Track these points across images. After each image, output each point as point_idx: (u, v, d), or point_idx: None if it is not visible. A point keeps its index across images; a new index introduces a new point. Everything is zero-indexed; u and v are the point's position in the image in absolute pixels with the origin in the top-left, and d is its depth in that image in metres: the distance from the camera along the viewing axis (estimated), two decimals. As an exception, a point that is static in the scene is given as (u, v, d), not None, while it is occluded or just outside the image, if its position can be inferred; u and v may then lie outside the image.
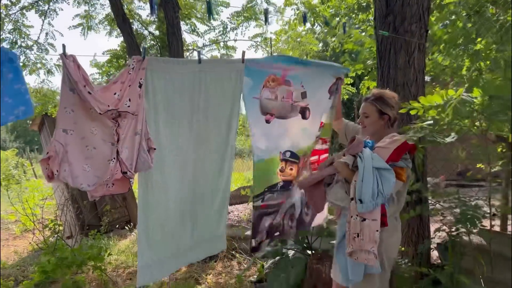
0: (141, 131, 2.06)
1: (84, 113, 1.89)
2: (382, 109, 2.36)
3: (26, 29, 6.16)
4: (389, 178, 2.06)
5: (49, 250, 4.32)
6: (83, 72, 1.83)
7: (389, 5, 3.42)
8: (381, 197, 2.05)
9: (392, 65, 3.38)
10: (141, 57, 2.05)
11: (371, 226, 2.05)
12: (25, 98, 1.83)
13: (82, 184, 1.88)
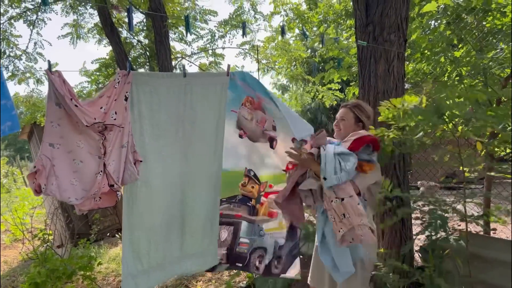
0: (127, 144, 2.11)
1: (70, 127, 1.93)
2: (359, 116, 2.50)
3: (14, 38, 6.18)
4: (349, 159, 2.18)
5: (39, 260, 4.33)
6: (69, 86, 1.89)
7: (368, 15, 3.52)
8: (345, 173, 2.15)
9: (373, 74, 3.48)
10: (127, 71, 2.11)
11: (351, 202, 2.15)
12: (11, 114, 1.87)
13: (70, 198, 1.92)
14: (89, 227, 6.72)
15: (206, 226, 2.58)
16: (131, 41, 6.29)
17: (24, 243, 6.08)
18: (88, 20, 6.59)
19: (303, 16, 7.36)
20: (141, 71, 6.34)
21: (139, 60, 6.18)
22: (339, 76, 5.33)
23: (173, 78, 2.31)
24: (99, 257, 5.68)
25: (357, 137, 2.28)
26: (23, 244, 6.10)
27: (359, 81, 3.68)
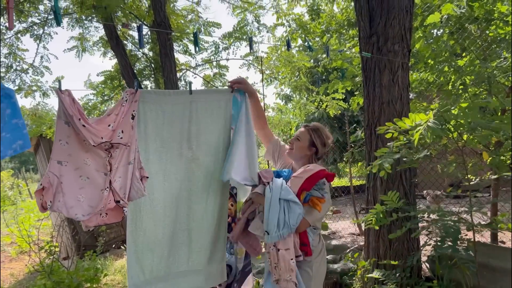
0: (134, 161, 2.13)
1: (78, 145, 1.95)
2: (314, 141, 2.47)
3: (21, 53, 6.26)
4: (295, 210, 2.13)
5: (45, 273, 4.34)
6: (78, 106, 1.91)
7: (372, 27, 3.55)
8: (287, 227, 2.10)
9: (377, 84, 3.49)
10: (134, 90, 2.14)
11: (285, 256, 2.11)
12: (22, 132, 1.88)
13: (77, 214, 1.93)
14: (95, 239, 6.74)
15: (214, 242, 2.57)
16: (136, 54, 6.36)
17: (30, 255, 6.08)
18: (94, 33, 6.68)
19: (306, 26, 7.42)
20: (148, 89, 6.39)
21: (144, 72, 6.24)
22: (343, 87, 5.36)
23: (179, 95, 2.34)
24: (105, 268, 5.67)
25: (310, 176, 2.21)
26: (30, 257, 6.10)
27: (363, 91, 3.70)
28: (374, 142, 3.55)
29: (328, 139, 2.51)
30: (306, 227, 2.25)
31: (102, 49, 6.72)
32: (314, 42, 7.21)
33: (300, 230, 2.22)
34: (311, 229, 2.33)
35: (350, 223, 7.45)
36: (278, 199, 2.15)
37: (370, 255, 3.61)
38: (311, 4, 7.71)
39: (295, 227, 2.12)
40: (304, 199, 2.22)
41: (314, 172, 2.22)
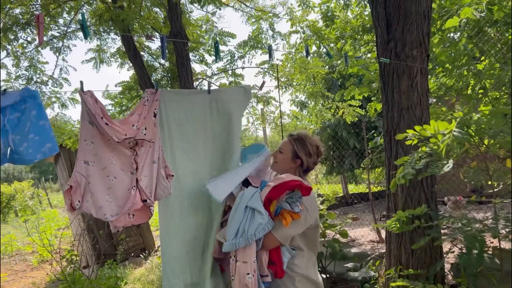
0: (158, 160, 2.16)
1: (103, 145, 1.99)
2: (297, 152, 2.25)
3: (41, 65, 6.39)
4: (256, 219, 1.96)
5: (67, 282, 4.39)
6: (101, 105, 1.95)
7: (389, 32, 3.54)
8: (244, 237, 1.93)
9: (396, 90, 3.47)
10: (154, 89, 2.18)
11: (241, 269, 1.95)
12: (50, 135, 1.91)
13: (106, 214, 1.96)
14: (115, 248, 6.80)
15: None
16: (153, 64, 6.44)
17: (52, 264, 6.17)
18: (111, 45, 6.79)
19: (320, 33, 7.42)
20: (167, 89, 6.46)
21: (161, 82, 6.31)
22: (360, 93, 5.33)
23: (198, 94, 2.39)
24: (124, 277, 5.72)
25: (277, 185, 2.01)
26: (51, 265, 6.19)
27: (382, 97, 3.68)
28: (394, 148, 3.52)
29: (315, 147, 2.28)
30: (274, 243, 2.03)
31: (119, 60, 6.83)
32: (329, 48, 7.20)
33: (268, 246, 2.03)
34: (288, 248, 2.09)
35: (369, 230, 7.37)
36: (245, 206, 2.01)
37: (392, 263, 3.56)
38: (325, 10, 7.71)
39: (252, 238, 1.94)
40: (275, 211, 2.04)
41: (284, 181, 2.01)
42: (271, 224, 1.99)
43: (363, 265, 4.21)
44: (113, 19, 4.97)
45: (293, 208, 1.97)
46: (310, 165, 2.29)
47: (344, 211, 9.74)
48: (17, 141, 1.82)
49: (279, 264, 2.04)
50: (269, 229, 1.99)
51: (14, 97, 1.84)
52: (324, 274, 4.06)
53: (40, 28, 1.53)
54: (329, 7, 7.65)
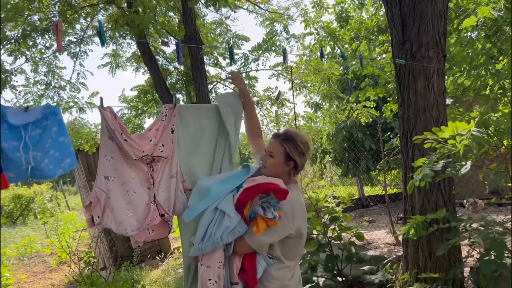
0: (176, 174, 2.17)
1: (122, 160, 2.01)
2: (290, 154, 2.01)
3: (59, 70, 6.50)
4: (223, 223, 1.83)
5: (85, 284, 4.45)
6: (120, 121, 1.97)
7: (405, 33, 3.50)
8: (211, 241, 1.81)
9: (412, 91, 3.43)
10: (173, 105, 2.19)
11: (203, 273, 1.83)
12: (69, 150, 1.96)
13: (126, 229, 1.97)
14: (131, 250, 6.87)
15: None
16: (168, 68, 6.50)
17: (70, 266, 6.26)
18: (126, 49, 6.88)
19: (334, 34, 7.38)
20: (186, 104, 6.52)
21: (176, 86, 6.37)
22: (375, 94, 5.29)
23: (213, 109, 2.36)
24: (141, 279, 5.77)
25: (249, 187, 1.86)
26: (70, 267, 6.28)
27: (398, 98, 3.64)
28: (411, 150, 3.48)
29: (306, 144, 2.06)
30: (245, 249, 1.87)
31: (134, 64, 6.92)
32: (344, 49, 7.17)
33: (239, 251, 1.88)
34: (265, 257, 1.91)
35: (386, 233, 7.29)
36: (215, 207, 1.88)
37: (409, 266, 3.52)
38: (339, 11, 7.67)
39: (220, 242, 1.80)
40: (249, 215, 1.90)
41: (257, 183, 1.85)
42: (242, 228, 1.84)
43: (380, 268, 4.16)
44: (129, 24, 5.04)
45: (266, 214, 1.79)
46: (303, 164, 2.09)
47: (359, 213, 9.66)
48: (39, 158, 1.86)
49: (251, 272, 1.87)
50: (240, 233, 1.84)
51: (36, 114, 1.89)
52: (340, 277, 4.02)
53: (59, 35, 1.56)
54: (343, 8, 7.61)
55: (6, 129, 1.85)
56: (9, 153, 1.83)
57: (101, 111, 1.94)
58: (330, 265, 3.94)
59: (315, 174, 10.87)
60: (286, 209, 1.89)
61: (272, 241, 1.89)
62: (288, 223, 1.89)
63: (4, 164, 1.85)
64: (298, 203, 1.97)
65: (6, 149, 1.82)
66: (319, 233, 4.01)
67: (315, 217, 4.02)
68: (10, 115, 1.86)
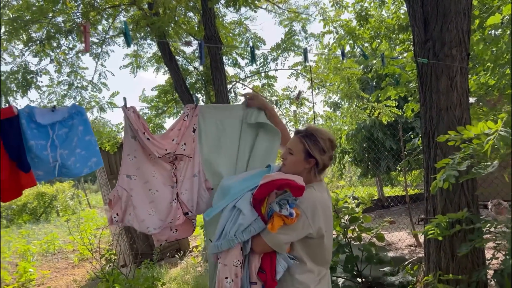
0: (198, 174, 2.19)
1: (145, 159, 2.05)
2: (310, 151, 1.94)
3: (81, 71, 6.63)
4: (239, 219, 1.80)
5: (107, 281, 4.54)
6: (143, 120, 2.02)
7: (427, 31, 3.45)
8: (226, 239, 1.79)
9: (434, 90, 3.38)
10: (194, 105, 2.22)
11: (220, 272, 1.80)
12: (95, 149, 2.01)
13: (149, 228, 2.01)
14: (151, 248, 6.96)
15: None
16: (187, 68, 6.56)
17: (92, 263, 6.40)
18: (147, 50, 6.97)
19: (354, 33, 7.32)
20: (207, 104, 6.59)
21: (196, 86, 6.42)
22: (396, 93, 5.22)
23: (235, 108, 2.37)
24: (160, 277, 5.84)
25: (263, 184, 1.82)
26: (91, 264, 6.42)
27: (419, 98, 3.59)
28: (433, 150, 3.43)
29: (327, 141, 1.98)
30: (263, 247, 1.82)
31: (155, 65, 7.00)
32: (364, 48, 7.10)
33: (256, 250, 1.84)
34: (285, 257, 1.86)
35: (406, 234, 7.20)
36: (233, 205, 1.86)
37: (431, 268, 3.47)
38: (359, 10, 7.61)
39: (234, 240, 1.78)
40: (267, 213, 1.85)
41: (271, 179, 1.81)
42: (258, 226, 1.80)
43: (400, 270, 4.12)
44: (149, 25, 5.11)
45: (282, 211, 1.74)
46: (326, 162, 1.99)
47: (379, 214, 9.56)
48: (65, 155, 1.93)
49: (270, 272, 1.83)
50: (256, 231, 1.80)
51: (62, 113, 1.96)
52: (360, 278, 3.99)
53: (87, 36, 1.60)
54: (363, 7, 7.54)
55: (34, 128, 1.91)
56: (37, 151, 1.89)
57: (124, 111, 1.98)
58: (349, 266, 3.91)
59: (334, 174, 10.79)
60: (306, 208, 1.83)
61: (290, 239, 1.84)
62: (308, 221, 1.82)
63: (33, 162, 1.91)
64: (320, 202, 1.90)
65: (34, 147, 1.89)
66: (339, 233, 3.99)
67: (334, 217, 4.00)
68: (38, 115, 1.92)
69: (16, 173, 1.88)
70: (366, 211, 4.97)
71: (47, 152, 1.92)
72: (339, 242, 3.93)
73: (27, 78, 5.39)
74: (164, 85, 6.74)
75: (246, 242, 1.82)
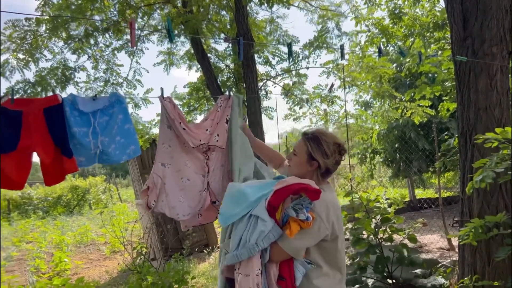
0: (225, 163, 2.24)
1: (179, 148, 2.11)
2: (312, 153, 1.92)
3: (117, 68, 6.79)
4: (257, 227, 1.75)
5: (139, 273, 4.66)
6: (179, 111, 2.07)
7: (466, 28, 3.36)
8: (246, 248, 1.73)
9: (473, 89, 3.29)
10: (227, 96, 2.25)
11: (242, 283, 1.73)
12: (134, 137, 2.08)
13: (178, 214, 2.07)
14: (180, 242, 7.09)
15: None
16: (219, 66, 6.62)
17: (123, 255, 6.56)
18: (180, 47, 7.08)
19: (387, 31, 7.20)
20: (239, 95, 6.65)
21: (227, 83, 6.48)
22: (431, 92, 5.10)
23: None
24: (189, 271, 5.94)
25: (279, 189, 1.78)
26: (123, 256, 6.59)
27: (457, 97, 3.51)
28: (470, 151, 3.34)
29: (332, 145, 1.94)
30: (281, 255, 1.79)
31: (187, 62, 7.10)
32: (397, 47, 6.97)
33: (275, 258, 1.80)
34: (302, 262, 1.83)
35: (439, 237, 7.03)
36: (250, 214, 1.81)
37: (466, 272, 3.38)
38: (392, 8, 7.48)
39: (255, 248, 1.72)
40: (282, 219, 1.81)
41: (287, 184, 1.79)
42: (277, 232, 1.76)
43: (433, 272, 4.03)
44: (183, 23, 5.19)
45: (299, 215, 1.71)
46: (330, 167, 1.95)
47: (410, 216, 9.36)
48: (106, 143, 2.00)
49: (290, 279, 1.79)
50: (275, 238, 1.76)
51: (103, 102, 2.03)
52: (390, 279, 3.94)
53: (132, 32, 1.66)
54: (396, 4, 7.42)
55: (77, 116, 1.98)
56: (80, 138, 1.96)
57: (161, 101, 2.04)
58: (380, 267, 3.87)
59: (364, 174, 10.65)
60: (320, 210, 1.80)
61: (308, 244, 1.82)
62: (323, 224, 1.80)
63: (75, 148, 1.99)
64: (332, 203, 1.88)
65: (77, 134, 1.96)
66: (369, 233, 3.95)
67: (365, 217, 3.95)
68: (80, 103, 2.00)
69: (59, 158, 1.96)
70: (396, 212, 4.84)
71: (89, 138, 1.99)
72: (369, 242, 3.89)
73: (66, 74, 5.58)
74: (195, 82, 6.83)
75: (265, 250, 1.77)
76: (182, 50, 7.07)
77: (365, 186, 10.50)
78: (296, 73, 6.78)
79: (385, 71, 6.45)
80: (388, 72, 6.51)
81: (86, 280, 5.81)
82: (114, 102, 2.06)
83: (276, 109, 7.09)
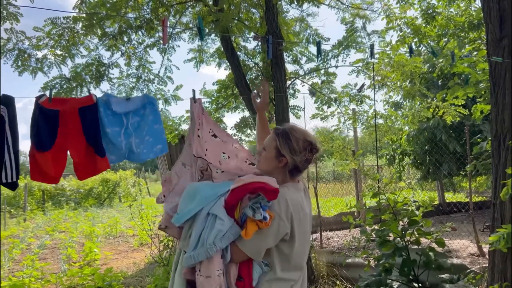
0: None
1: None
2: (280, 149, 1.84)
3: (149, 65, 6.94)
4: (214, 226, 1.70)
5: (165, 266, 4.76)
6: (205, 115, 2.07)
7: (503, 28, 3.27)
8: (204, 248, 1.67)
9: (508, 91, 3.20)
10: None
11: (204, 285, 1.68)
12: (162, 137, 2.16)
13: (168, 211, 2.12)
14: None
15: None
16: (248, 64, 6.66)
17: (151, 247, 6.72)
18: (210, 45, 7.16)
19: (420, 31, 7.06)
20: None
21: (255, 81, 6.51)
22: (465, 93, 4.97)
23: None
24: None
25: (235, 188, 1.74)
26: (150, 248, 6.75)
27: (491, 99, 3.41)
28: (503, 155, 3.25)
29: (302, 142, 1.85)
30: (241, 256, 1.74)
31: (217, 60, 7.17)
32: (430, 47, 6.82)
33: (235, 259, 1.75)
34: (260, 262, 1.78)
35: (468, 242, 6.85)
36: (207, 212, 1.75)
37: (495, 278, 3.30)
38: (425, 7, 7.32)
39: (213, 248, 1.66)
40: (241, 218, 1.76)
41: (244, 183, 1.74)
42: (235, 232, 1.71)
43: (461, 278, 3.94)
44: (214, 21, 5.26)
45: (255, 215, 1.65)
46: (298, 164, 1.86)
47: (439, 219, 9.14)
48: (137, 143, 2.08)
49: (248, 279, 1.75)
50: (233, 237, 1.71)
51: (135, 103, 2.11)
52: (416, 283, 3.87)
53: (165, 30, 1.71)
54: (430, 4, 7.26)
55: (110, 115, 2.07)
56: (113, 138, 2.05)
57: (191, 103, 2.08)
58: (406, 270, 3.81)
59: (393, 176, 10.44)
60: (279, 209, 1.74)
61: (267, 245, 1.75)
62: (282, 222, 1.74)
63: (107, 147, 2.07)
64: (293, 200, 1.80)
65: (110, 134, 2.04)
66: (396, 236, 3.89)
67: (392, 219, 3.90)
68: (114, 103, 2.08)
69: (92, 157, 2.05)
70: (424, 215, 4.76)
71: (121, 138, 2.08)
72: (395, 245, 3.84)
73: (100, 70, 5.75)
74: (224, 80, 6.90)
75: (225, 250, 1.73)
76: (212, 48, 7.16)
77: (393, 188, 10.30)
78: (325, 72, 6.73)
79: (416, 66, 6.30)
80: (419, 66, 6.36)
81: (114, 271, 6.01)
82: (146, 104, 2.13)
83: (303, 108, 7.09)
